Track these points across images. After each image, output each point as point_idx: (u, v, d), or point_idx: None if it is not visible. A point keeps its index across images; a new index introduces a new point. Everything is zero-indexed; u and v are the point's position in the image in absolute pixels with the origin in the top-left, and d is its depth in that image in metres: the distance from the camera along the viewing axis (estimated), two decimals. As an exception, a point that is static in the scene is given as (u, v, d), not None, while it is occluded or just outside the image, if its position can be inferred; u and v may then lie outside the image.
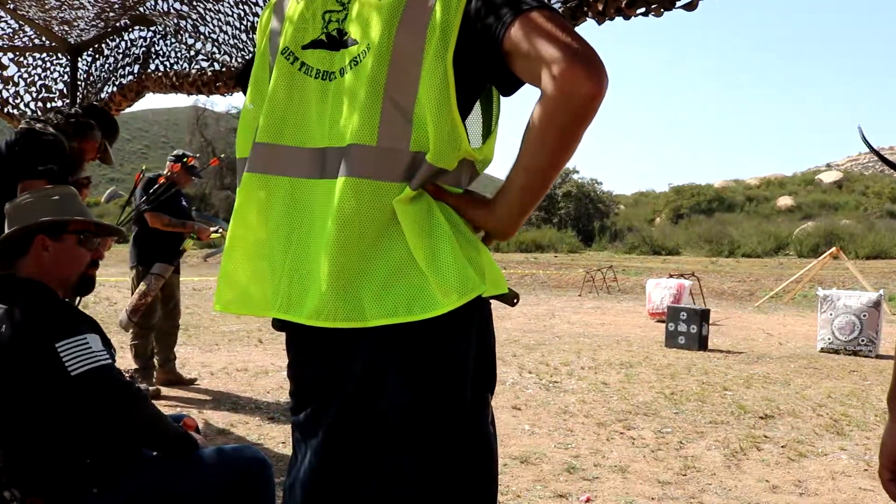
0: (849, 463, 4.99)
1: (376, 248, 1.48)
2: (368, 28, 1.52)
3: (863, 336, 10.37)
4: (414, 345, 1.47)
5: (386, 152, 1.48)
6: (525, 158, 1.44)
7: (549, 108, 1.37)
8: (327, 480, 1.57)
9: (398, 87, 1.49)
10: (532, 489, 4.20)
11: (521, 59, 1.41)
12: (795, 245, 40.58)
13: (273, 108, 1.62)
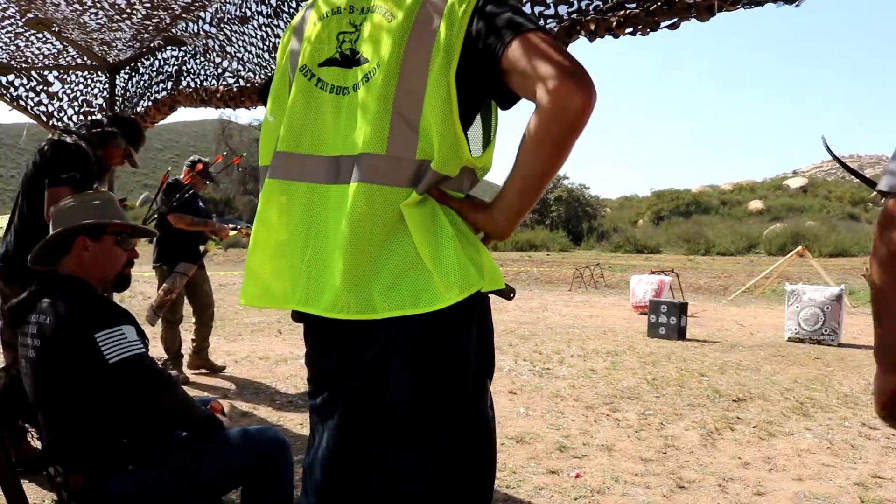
0: (813, 441, 4.97)
1: (385, 247, 1.49)
2: (379, 47, 1.53)
3: (826, 326, 10.35)
4: (420, 335, 1.48)
5: (394, 160, 1.49)
6: (521, 166, 1.45)
7: (543, 120, 1.38)
8: (344, 462, 1.57)
9: (405, 101, 1.50)
10: (527, 466, 4.19)
11: (518, 76, 1.42)
12: (765, 244, 40.57)
13: (292, 120, 1.64)
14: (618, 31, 2.18)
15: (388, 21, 1.54)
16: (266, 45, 4.24)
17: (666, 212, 55.60)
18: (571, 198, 54.25)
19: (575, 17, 2.35)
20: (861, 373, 7.89)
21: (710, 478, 4.08)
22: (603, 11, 2.23)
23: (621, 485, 3.91)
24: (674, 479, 4.04)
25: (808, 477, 4.17)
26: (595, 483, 3.92)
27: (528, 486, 3.83)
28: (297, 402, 5.61)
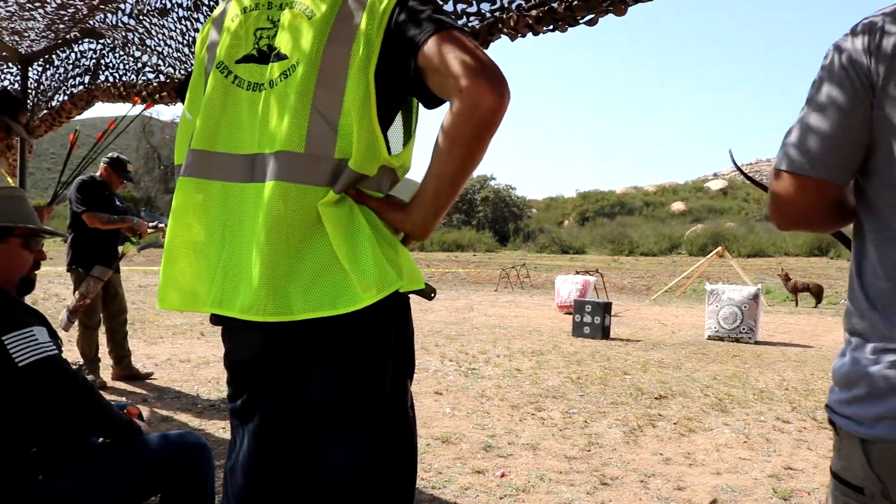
0: (731, 436, 5.14)
1: (303, 248, 1.48)
2: (298, 44, 1.52)
3: (744, 325, 10.72)
4: (338, 336, 1.48)
5: (312, 159, 1.48)
6: (436, 166, 1.46)
7: (456, 119, 1.38)
8: (264, 463, 1.56)
9: (325, 98, 1.49)
10: (453, 466, 4.22)
11: (433, 74, 1.43)
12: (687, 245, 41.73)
13: (208, 117, 1.61)
14: (537, 28, 2.22)
15: (308, 17, 1.53)
16: (186, 40, 4.16)
17: (591, 213, 56.69)
18: (498, 198, 54.78)
19: (497, 14, 2.38)
20: (776, 369, 8.19)
21: (633, 474, 4.19)
22: (525, 8, 2.27)
23: (546, 483, 3.97)
24: (597, 476, 4.12)
25: (725, 471, 4.31)
26: (520, 482, 3.97)
27: (454, 487, 3.86)
28: (219, 406, 5.52)
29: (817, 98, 1.27)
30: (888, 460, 1.20)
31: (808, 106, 1.28)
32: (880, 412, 1.19)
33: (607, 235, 45.97)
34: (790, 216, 1.34)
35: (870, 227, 1.27)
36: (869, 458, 1.23)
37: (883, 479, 1.22)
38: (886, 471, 1.21)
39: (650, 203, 59.76)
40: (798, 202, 1.30)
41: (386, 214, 1.55)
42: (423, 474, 4.03)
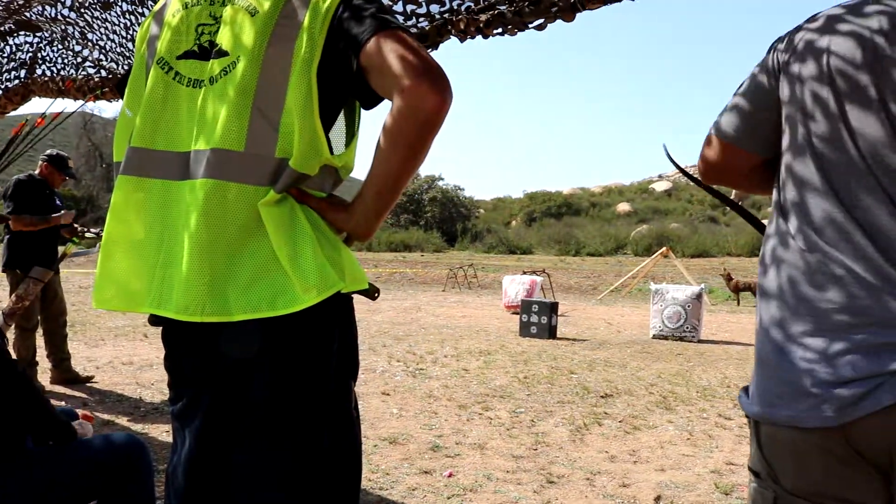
0: (675, 433, 5.24)
1: (242, 248, 1.46)
2: (240, 40, 1.51)
3: (687, 324, 10.93)
4: (279, 337, 1.46)
5: (253, 157, 1.46)
6: (378, 166, 1.45)
7: (398, 120, 1.38)
8: (206, 465, 1.55)
9: (267, 97, 1.47)
10: (400, 467, 4.21)
11: (376, 74, 1.43)
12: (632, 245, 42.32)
13: (148, 114, 1.58)
14: (487, 31, 2.24)
15: (251, 14, 1.51)
16: (129, 35, 4.08)
17: (538, 213, 57.11)
18: (446, 199, 54.87)
19: (447, 16, 2.39)
20: (718, 367, 8.36)
21: (579, 472, 4.23)
22: (474, 12, 2.29)
23: (493, 482, 3.99)
24: (544, 474, 4.16)
25: (669, 467, 4.39)
26: (468, 481, 3.99)
27: (402, 487, 3.86)
28: (163, 409, 5.43)
29: (747, 82, 1.46)
30: (771, 442, 1.27)
31: (740, 85, 1.48)
32: (760, 391, 1.28)
33: (554, 236, 46.38)
34: (713, 173, 1.58)
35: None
36: (759, 442, 1.30)
37: (770, 461, 1.29)
38: (771, 453, 1.28)
39: (596, 204, 60.46)
40: (720, 163, 1.53)
41: (328, 214, 1.54)
42: (370, 475, 4.02)
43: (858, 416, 1.15)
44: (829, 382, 1.18)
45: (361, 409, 5.54)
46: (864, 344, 1.17)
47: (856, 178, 1.23)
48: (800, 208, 1.29)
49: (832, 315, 1.21)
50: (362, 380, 6.76)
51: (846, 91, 1.24)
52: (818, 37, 1.30)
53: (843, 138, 1.24)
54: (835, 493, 1.22)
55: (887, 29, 1.24)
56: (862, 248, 1.21)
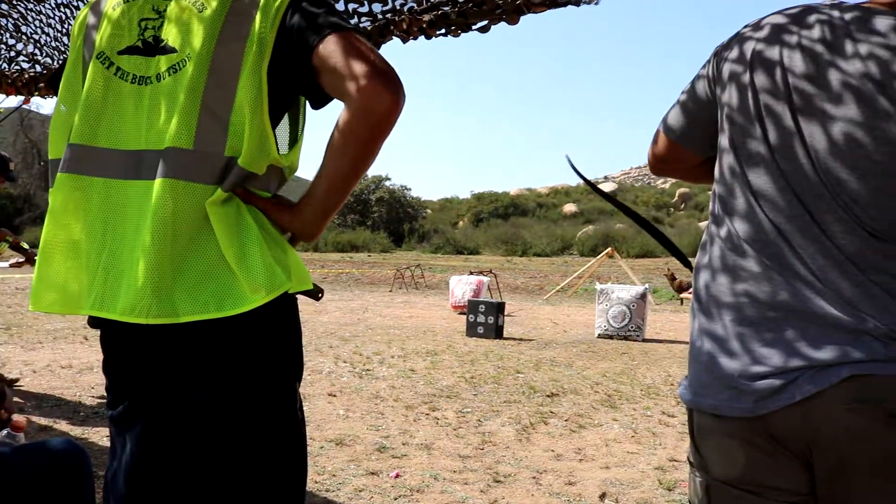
0: (619, 431, 5.31)
1: (189, 248, 1.44)
2: (189, 37, 1.48)
3: (632, 323, 11.09)
4: (226, 339, 1.45)
5: (202, 156, 1.44)
6: (328, 166, 1.45)
7: (350, 120, 1.39)
8: (150, 470, 1.52)
9: (216, 95, 1.46)
10: (346, 468, 4.20)
11: (328, 74, 1.42)
12: (578, 246, 42.83)
13: (88, 110, 1.54)
14: (430, 32, 2.24)
15: (198, 11, 1.49)
16: (65, 28, 3.98)
17: (485, 213, 57.42)
18: (393, 199, 54.82)
19: (389, 16, 2.39)
20: (662, 365, 8.51)
21: (525, 471, 4.27)
22: (417, 12, 2.29)
23: (440, 482, 4.00)
24: (491, 473, 4.18)
25: (614, 465, 4.46)
26: (414, 482, 3.99)
27: (348, 489, 3.84)
28: (103, 414, 5.31)
29: (692, 83, 1.51)
30: (700, 430, 1.33)
31: (686, 86, 1.52)
32: (691, 381, 1.34)
33: (501, 236, 46.66)
34: (661, 166, 1.66)
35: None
36: (692, 429, 1.36)
37: (700, 450, 1.34)
38: (701, 441, 1.33)
39: (543, 205, 61.03)
40: (667, 158, 1.62)
41: (274, 214, 1.53)
42: (316, 477, 3.99)
43: (776, 408, 1.21)
44: (749, 375, 1.23)
45: (307, 410, 5.52)
46: (782, 339, 1.22)
47: (775, 189, 1.28)
48: (727, 213, 1.34)
49: (752, 311, 1.26)
50: (308, 381, 6.71)
51: (797, 103, 1.28)
52: (767, 47, 1.33)
53: (794, 148, 1.27)
54: (760, 481, 1.27)
55: (830, 39, 1.28)
56: (779, 251, 1.26)
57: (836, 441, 1.20)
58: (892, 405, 1.17)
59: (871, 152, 1.22)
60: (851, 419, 1.18)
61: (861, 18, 1.28)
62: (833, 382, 1.18)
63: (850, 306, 1.20)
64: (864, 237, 1.23)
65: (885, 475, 1.21)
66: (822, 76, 1.27)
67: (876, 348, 1.18)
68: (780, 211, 1.27)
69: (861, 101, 1.23)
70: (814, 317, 1.21)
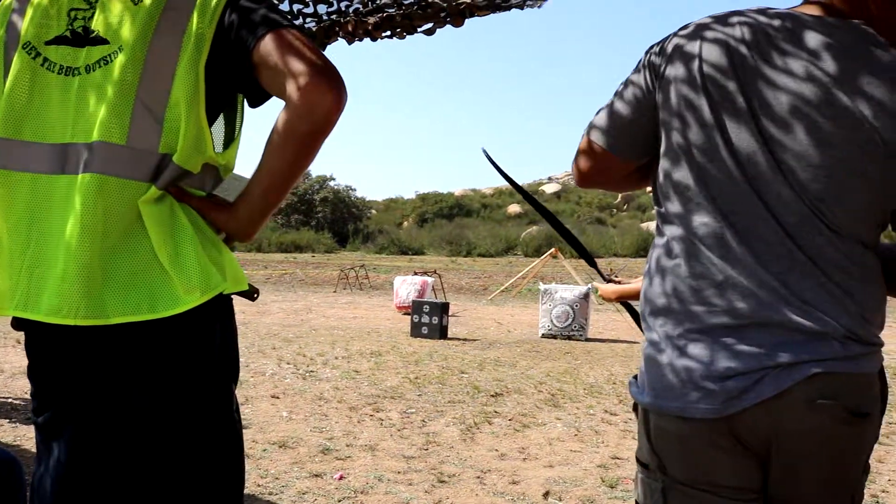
0: (563, 430, 5.37)
1: (120, 246, 1.40)
2: (122, 30, 1.44)
3: (575, 323, 11.21)
4: (159, 341, 1.41)
5: (135, 152, 1.40)
6: (267, 164, 1.43)
7: (291, 118, 1.37)
8: (79, 476, 1.47)
9: (151, 90, 1.42)
10: (290, 471, 4.16)
11: (268, 72, 1.40)
12: (522, 246, 43.14)
13: (12, 102, 1.47)
14: (375, 34, 2.24)
15: (133, 3, 1.45)
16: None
17: (430, 214, 57.50)
18: (337, 199, 54.53)
19: (334, 17, 2.38)
20: (604, 364, 8.62)
21: (470, 470, 4.28)
22: (362, 14, 2.28)
23: (384, 483, 3.99)
24: (435, 474, 4.19)
25: (557, 463, 4.50)
26: (358, 483, 3.98)
27: (291, 491, 3.81)
28: (34, 418, 5.17)
29: (623, 89, 1.47)
30: (660, 433, 1.33)
31: (617, 92, 1.49)
32: (651, 384, 1.34)
33: (446, 236, 46.79)
34: (584, 176, 1.57)
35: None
36: (648, 433, 1.36)
37: (658, 452, 1.34)
38: (659, 443, 1.34)
39: (487, 205, 61.34)
40: (596, 169, 1.54)
41: (209, 213, 1.50)
42: (259, 480, 3.95)
43: (742, 408, 1.24)
44: (716, 376, 1.25)
45: (250, 413, 5.46)
46: (747, 342, 1.25)
47: (731, 186, 1.29)
48: (680, 216, 1.35)
49: (715, 317, 1.28)
50: (251, 383, 6.64)
51: (718, 99, 1.30)
52: (687, 42, 1.35)
53: (718, 147, 1.30)
54: (719, 481, 1.30)
55: (749, 39, 1.31)
56: (739, 254, 1.28)
57: (797, 438, 1.25)
58: (850, 402, 1.24)
59: (818, 152, 1.26)
60: (813, 416, 1.23)
61: (790, 29, 1.31)
62: (796, 381, 1.22)
63: (811, 310, 1.24)
64: (828, 236, 1.26)
65: (836, 470, 1.29)
66: (745, 74, 1.29)
67: (835, 347, 1.24)
68: (736, 212, 1.29)
69: (798, 117, 1.27)
70: (777, 323, 1.25)
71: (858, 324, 1.26)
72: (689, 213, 1.33)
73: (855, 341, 1.25)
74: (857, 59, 1.27)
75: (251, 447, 4.56)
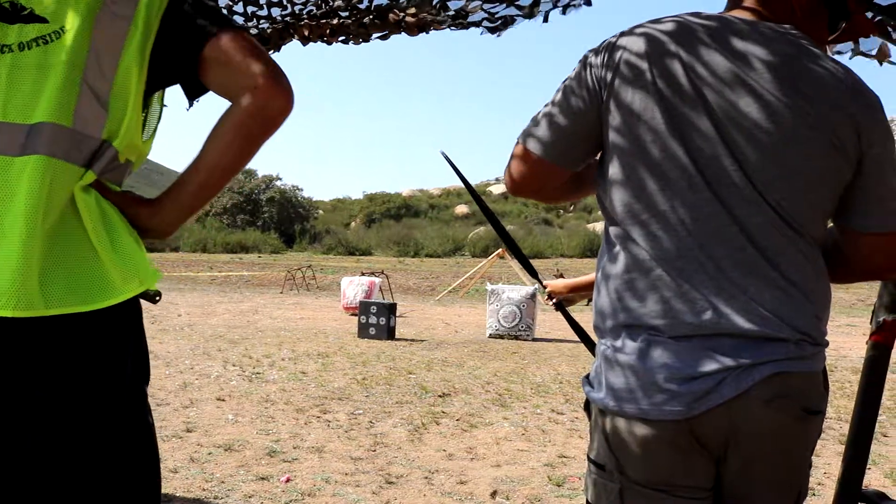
0: (510, 430, 5.40)
1: (56, 234, 1.34)
2: (64, 10, 1.38)
3: (522, 323, 11.30)
4: (77, 338, 1.35)
5: (78, 136, 1.35)
6: (210, 159, 1.41)
7: (242, 116, 1.37)
8: None
9: (97, 74, 1.37)
10: (236, 474, 4.10)
11: (219, 69, 1.39)
12: (470, 247, 43.30)
13: None
14: (331, 39, 2.24)
15: None
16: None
17: (377, 214, 57.37)
18: (284, 199, 54.05)
19: (288, 20, 2.36)
20: (551, 364, 8.70)
21: (417, 471, 4.28)
22: (317, 17, 2.27)
23: (332, 485, 3.97)
24: (383, 475, 4.18)
25: (505, 462, 4.53)
26: (306, 486, 3.94)
27: (237, 495, 3.76)
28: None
29: (562, 96, 1.44)
30: (618, 434, 1.34)
31: (554, 99, 1.45)
32: (609, 385, 1.35)
33: (393, 237, 46.71)
34: (519, 184, 1.54)
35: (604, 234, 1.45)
36: (606, 434, 1.37)
37: (616, 453, 1.36)
38: (618, 445, 1.35)
39: (435, 206, 61.46)
40: (531, 179, 1.51)
41: (129, 208, 1.46)
42: (204, 484, 3.89)
43: (706, 409, 1.26)
44: (680, 378, 1.27)
45: (195, 416, 5.40)
46: (708, 345, 1.28)
47: (691, 190, 1.31)
48: (635, 221, 1.35)
49: (675, 321, 1.30)
50: (196, 385, 6.54)
51: (673, 102, 1.31)
52: (632, 46, 1.35)
53: (675, 151, 1.31)
54: (677, 481, 1.32)
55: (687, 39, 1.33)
56: (700, 259, 1.30)
57: (754, 437, 1.29)
58: (805, 401, 1.30)
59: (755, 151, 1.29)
60: (770, 415, 1.28)
61: (721, 31, 1.34)
62: (755, 381, 1.26)
63: (769, 316, 1.28)
64: (790, 236, 1.31)
65: (788, 466, 1.35)
66: (694, 73, 1.31)
67: (791, 349, 1.28)
68: (697, 219, 1.31)
69: (755, 119, 1.30)
70: (737, 328, 1.28)
71: (812, 325, 1.31)
72: (645, 219, 1.34)
73: (808, 342, 1.30)
74: (797, 65, 1.31)
75: (196, 451, 4.49)
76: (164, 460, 4.22)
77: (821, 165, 1.31)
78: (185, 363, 7.78)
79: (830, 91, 1.31)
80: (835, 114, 1.30)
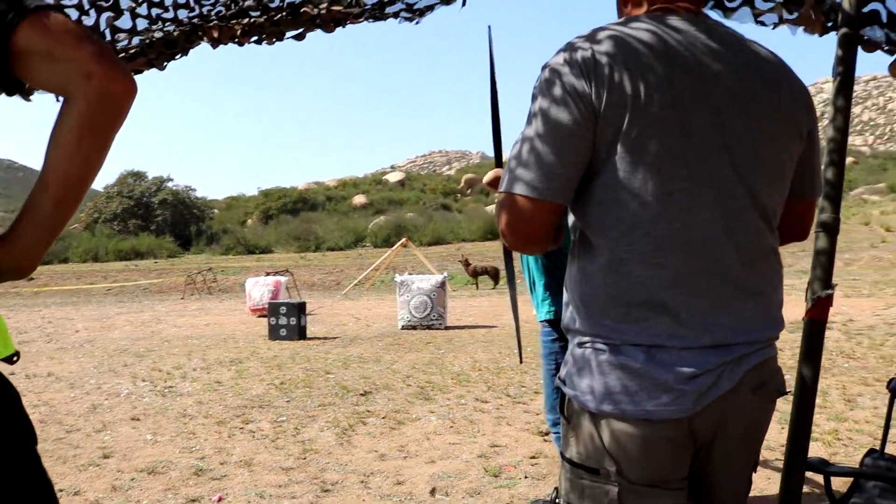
0: (438, 423, 5.38)
1: None
2: None
3: (434, 312, 11.31)
4: None
5: None
6: (59, 170, 1.21)
7: (82, 110, 1.18)
8: None
9: None
10: (164, 499, 3.93)
11: (39, 59, 1.20)
12: (371, 237, 43.13)
13: None
14: (242, 40, 2.13)
15: None
16: None
17: (274, 210, 56.41)
18: (177, 200, 52.59)
19: (196, 21, 2.24)
20: (468, 351, 8.73)
21: (352, 475, 4.21)
22: (226, 18, 2.16)
23: (266, 499, 3.85)
24: (317, 483, 4.08)
25: (438, 458, 4.50)
26: (240, 503, 3.82)
27: (167, 520, 3.61)
28: None
29: (543, 124, 1.31)
30: (617, 437, 1.33)
31: (535, 131, 1.33)
32: (603, 389, 1.33)
33: (292, 232, 46.09)
34: (527, 236, 1.40)
35: (582, 241, 1.41)
36: (601, 437, 1.35)
37: (615, 456, 1.34)
38: (616, 448, 1.34)
39: (332, 197, 60.84)
40: (535, 223, 1.36)
41: None
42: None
43: (707, 403, 1.30)
44: (684, 378, 1.29)
45: (111, 439, 5.16)
46: (704, 342, 1.31)
47: (691, 192, 1.30)
48: (624, 224, 1.32)
49: (666, 327, 1.31)
50: (106, 406, 6.26)
51: (665, 110, 1.28)
52: (618, 55, 1.29)
53: (678, 156, 1.29)
54: (669, 476, 1.36)
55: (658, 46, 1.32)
56: (695, 262, 1.31)
57: (739, 422, 1.38)
58: (778, 384, 1.44)
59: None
60: (756, 401, 1.38)
61: (655, 32, 1.34)
62: (745, 371, 1.34)
63: (750, 326, 1.35)
64: (762, 227, 1.36)
65: (755, 445, 1.46)
66: (691, 85, 1.31)
67: (763, 336, 1.38)
68: (690, 224, 1.31)
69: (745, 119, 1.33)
70: (724, 325, 1.33)
71: (778, 311, 1.41)
72: (637, 223, 1.31)
73: (773, 328, 1.39)
74: (747, 56, 1.37)
75: (117, 478, 4.28)
76: (83, 492, 4.01)
77: (792, 156, 1.39)
78: (90, 383, 7.42)
79: (781, 79, 1.37)
80: (794, 102, 1.37)
